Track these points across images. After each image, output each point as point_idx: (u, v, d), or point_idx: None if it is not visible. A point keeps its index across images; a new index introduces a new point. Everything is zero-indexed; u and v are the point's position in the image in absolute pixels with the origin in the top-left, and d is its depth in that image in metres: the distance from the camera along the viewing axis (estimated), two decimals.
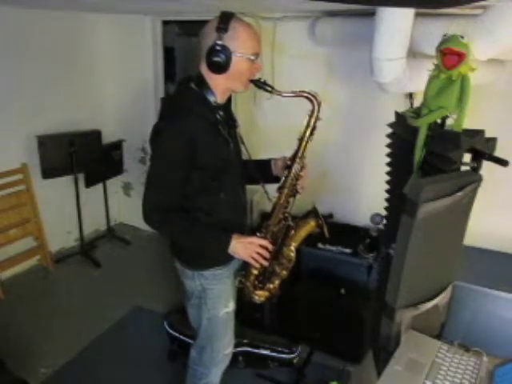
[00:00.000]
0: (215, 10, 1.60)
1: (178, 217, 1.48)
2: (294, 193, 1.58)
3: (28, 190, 3.17)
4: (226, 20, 1.35)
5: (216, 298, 1.63)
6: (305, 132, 1.52)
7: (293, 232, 1.60)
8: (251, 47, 1.40)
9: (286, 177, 1.56)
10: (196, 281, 1.60)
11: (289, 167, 1.56)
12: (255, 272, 1.62)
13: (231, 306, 1.69)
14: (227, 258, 1.57)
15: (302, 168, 1.57)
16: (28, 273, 3.29)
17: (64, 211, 3.53)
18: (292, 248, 1.59)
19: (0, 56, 2.92)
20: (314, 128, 1.52)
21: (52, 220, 3.41)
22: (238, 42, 1.36)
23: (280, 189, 1.58)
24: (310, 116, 1.51)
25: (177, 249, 1.64)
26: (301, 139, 1.53)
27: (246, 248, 1.49)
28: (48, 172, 3.15)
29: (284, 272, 1.62)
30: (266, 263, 1.54)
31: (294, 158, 1.55)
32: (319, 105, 1.49)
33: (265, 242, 1.52)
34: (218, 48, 1.35)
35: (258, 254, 1.50)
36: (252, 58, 1.41)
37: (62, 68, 3.34)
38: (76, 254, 3.51)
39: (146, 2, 2.50)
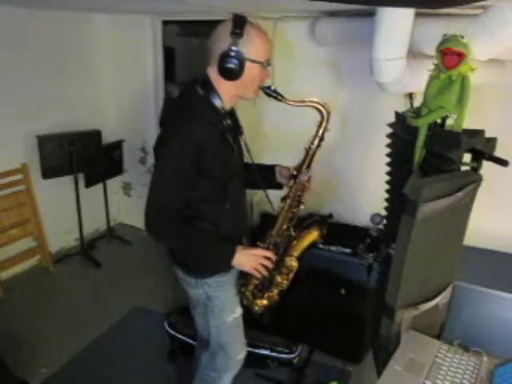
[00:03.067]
0: (215, 10, 1.60)
1: (182, 228, 1.44)
2: (298, 203, 1.55)
3: (28, 190, 3.16)
4: (240, 24, 1.30)
5: (222, 305, 1.60)
6: (312, 142, 1.49)
7: (295, 242, 1.58)
8: (265, 53, 1.36)
9: (291, 187, 1.53)
10: (200, 289, 1.56)
11: (295, 177, 1.53)
12: (256, 282, 1.60)
13: (238, 311, 1.66)
14: (230, 265, 1.55)
15: (309, 179, 1.54)
16: (28, 273, 3.29)
17: (64, 211, 3.53)
18: (294, 258, 1.57)
19: (0, 56, 2.92)
20: (321, 139, 1.49)
21: (52, 220, 3.41)
22: (252, 48, 1.32)
23: (284, 199, 1.55)
24: (319, 126, 1.48)
25: (177, 257, 1.60)
26: (308, 149, 1.50)
27: (250, 260, 1.47)
28: (48, 172, 3.15)
29: (285, 282, 1.60)
30: (268, 275, 1.52)
31: (300, 169, 1.52)
32: (328, 115, 1.46)
33: (269, 254, 1.50)
34: (233, 54, 1.30)
35: (262, 265, 1.48)
36: (265, 64, 1.37)
37: (61, 68, 3.34)
38: (76, 254, 3.51)
39: (146, 2, 2.50)
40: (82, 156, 3.27)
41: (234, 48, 1.30)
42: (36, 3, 2.78)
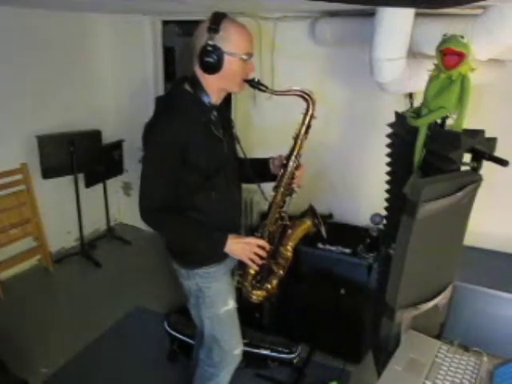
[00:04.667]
0: (215, 10, 1.60)
1: (174, 216, 1.48)
2: (290, 192, 1.58)
3: (28, 190, 3.16)
4: (217, 20, 1.35)
5: (213, 297, 1.62)
6: (299, 130, 1.53)
7: (290, 231, 1.60)
8: (243, 47, 1.39)
9: (282, 175, 1.56)
10: (191, 280, 1.60)
11: (284, 166, 1.56)
12: (252, 272, 1.62)
13: (231, 304, 1.67)
14: (221, 256, 1.56)
15: (298, 166, 1.56)
16: (28, 273, 3.29)
17: (64, 211, 3.53)
18: (289, 247, 1.59)
19: (0, 56, 2.92)
20: (308, 126, 1.52)
21: (52, 220, 3.41)
22: (229, 42, 1.36)
23: (276, 188, 1.57)
24: (305, 114, 1.50)
25: (171, 248, 1.65)
26: (296, 138, 1.53)
27: (243, 248, 1.49)
28: (48, 172, 3.15)
29: (281, 271, 1.61)
30: (261, 263, 1.53)
31: (289, 157, 1.55)
32: (314, 103, 1.49)
33: (262, 242, 1.52)
34: (210, 48, 1.35)
35: (256, 254, 1.50)
36: (244, 57, 1.40)
37: (62, 68, 3.34)
38: (76, 254, 3.51)
39: (146, 2, 2.50)
40: (82, 156, 3.27)
41: (210, 42, 1.34)
42: (36, 3, 2.78)
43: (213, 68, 1.38)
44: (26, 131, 3.13)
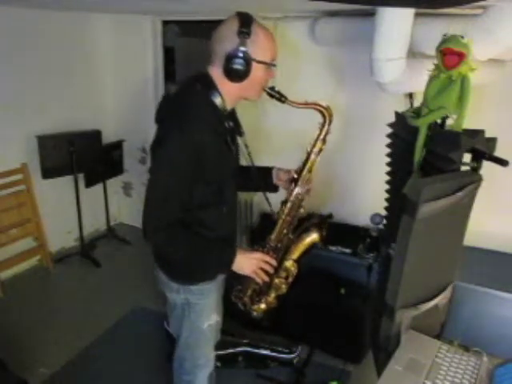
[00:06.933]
0: (216, 10, 1.59)
1: (182, 233, 1.39)
2: (298, 208, 1.53)
3: (28, 190, 3.16)
4: (247, 23, 1.26)
5: (199, 312, 1.57)
6: (314, 145, 1.47)
7: (294, 246, 1.56)
8: (271, 53, 1.32)
9: (292, 191, 1.51)
10: (181, 294, 1.53)
11: (295, 181, 1.50)
12: (255, 286, 1.58)
13: (214, 319, 1.62)
14: (217, 273, 1.53)
15: (308, 182, 1.52)
16: (28, 273, 3.29)
17: (64, 211, 3.53)
18: (292, 262, 1.56)
19: (0, 56, 2.92)
20: (323, 142, 1.47)
21: (52, 220, 3.41)
22: (259, 49, 1.28)
23: (285, 203, 1.52)
24: (321, 130, 1.46)
25: (163, 261, 1.55)
26: (309, 153, 1.48)
27: (251, 264, 1.45)
28: (48, 172, 3.15)
29: (283, 286, 1.57)
30: (267, 279, 1.51)
31: (301, 172, 1.50)
32: (331, 118, 1.44)
33: (268, 258, 1.49)
34: (241, 55, 1.25)
35: (262, 269, 1.47)
36: (271, 64, 1.33)
37: (62, 68, 3.34)
38: (76, 254, 3.51)
39: (146, 2, 2.50)
40: (82, 156, 3.27)
41: (242, 49, 1.25)
42: (36, 3, 2.78)
43: (239, 76, 1.28)
44: (26, 131, 3.13)
